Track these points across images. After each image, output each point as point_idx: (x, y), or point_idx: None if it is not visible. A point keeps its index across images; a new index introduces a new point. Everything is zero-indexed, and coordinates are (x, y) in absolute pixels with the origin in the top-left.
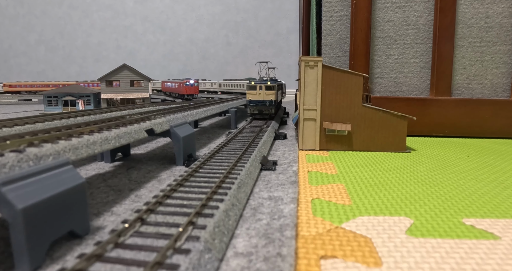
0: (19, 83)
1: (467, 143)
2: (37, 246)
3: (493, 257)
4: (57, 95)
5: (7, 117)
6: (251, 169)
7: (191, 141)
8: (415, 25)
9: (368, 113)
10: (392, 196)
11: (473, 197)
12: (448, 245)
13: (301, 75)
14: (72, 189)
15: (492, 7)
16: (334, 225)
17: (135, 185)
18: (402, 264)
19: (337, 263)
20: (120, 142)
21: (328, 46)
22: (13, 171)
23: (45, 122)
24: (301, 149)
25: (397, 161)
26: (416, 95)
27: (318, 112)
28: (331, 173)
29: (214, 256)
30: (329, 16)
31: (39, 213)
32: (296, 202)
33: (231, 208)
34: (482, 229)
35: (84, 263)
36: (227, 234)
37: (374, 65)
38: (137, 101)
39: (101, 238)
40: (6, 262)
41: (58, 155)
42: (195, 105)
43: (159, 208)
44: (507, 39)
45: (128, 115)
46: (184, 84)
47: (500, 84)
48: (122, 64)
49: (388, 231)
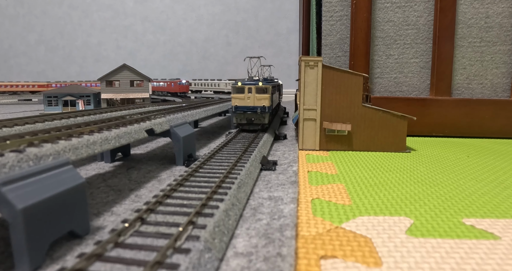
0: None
1: (467, 143)
2: (37, 246)
3: (493, 257)
4: (57, 95)
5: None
6: (251, 169)
7: (191, 141)
8: (415, 25)
9: (368, 113)
10: (392, 196)
11: (473, 197)
12: (448, 245)
13: (301, 75)
14: (72, 189)
15: (492, 7)
16: (334, 225)
17: (135, 185)
18: (402, 264)
19: (337, 263)
20: (120, 142)
21: (328, 46)
22: (13, 171)
23: (45, 122)
24: (301, 149)
25: (397, 161)
26: (416, 95)
27: (318, 112)
28: (331, 173)
29: (214, 256)
30: (329, 16)
31: (39, 213)
32: (296, 202)
33: (231, 208)
34: (482, 229)
35: (84, 263)
36: (227, 233)
37: (374, 65)
38: (137, 101)
39: (101, 238)
40: (6, 262)
41: (58, 155)
42: (195, 105)
43: (159, 208)
44: (507, 39)
45: (128, 115)
46: (177, 83)
47: (500, 84)
48: (122, 64)
49: (388, 231)
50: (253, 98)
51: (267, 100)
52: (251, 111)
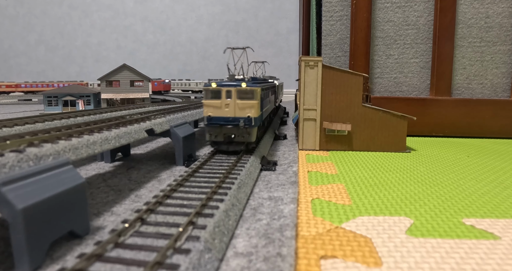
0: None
1: (467, 143)
2: (37, 246)
3: (493, 257)
4: (57, 95)
5: (7, 117)
6: (251, 169)
7: (191, 141)
8: (415, 25)
9: (368, 113)
10: (392, 196)
11: (473, 197)
12: (448, 245)
13: (301, 75)
14: (72, 189)
15: (492, 7)
16: (334, 225)
17: (135, 185)
18: (402, 264)
19: (337, 263)
20: (120, 142)
21: (328, 46)
22: (13, 171)
23: (45, 122)
24: (301, 149)
25: (397, 161)
26: (416, 95)
27: (318, 112)
28: (331, 173)
29: (214, 256)
30: (329, 16)
31: (39, 213)
32: (296, 202)
33: (231, 208)
34: (482, 229)
35: (84, 263)
36: (227, 234)
37: (374, 65)
38: (137, 101)
39: (101, 238)
40: (6, 262)
41: (58, 155)
42: (195, 105)
43: (159, 208)
44: (507, 39)
45: (128, 115)
46: (161, 82)
47: (500, 84)
48: (122, 64)
49: (388, 231)
50: (234, 105)
51: (255, 108)
52: (230, 124)
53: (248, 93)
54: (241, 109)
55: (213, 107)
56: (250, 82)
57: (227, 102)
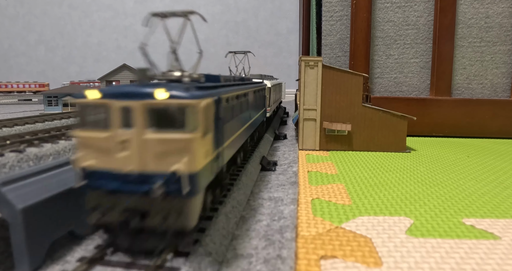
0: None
1: (467, 143)
2: (37, 246)
3: (493, 257)
4: (57, 95)
5: (7, 117)
6: (250, 169)
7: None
8: (415, 25)
9: (368, 113)
10: (392, 196)
11: (473, 197)
12: (448, 245)
13: (301, 75)
14: (72, 189)
15: (492, 7)
16: (334, 225)
17: None
18: (402, 264)
19: (337, 263)
20: None
21: (328, 46)
22: (13, 171)
23: (45, 122)
24: (301, 149)
25: (397, 161)
26: (416, 95)
27: (318, 112)
28: (331, 173)
29: (214, 259)
30: (329, 16)
31: (39, 213)
32: (296, 202)
33: (230, 210)
34: (482, 229)
35: (85, 266)
36: (227, 236)
37: (374, 65)
38: None
39: (101, 238)
40: (6, 262)
41: (58, 155)
42: None
43: None
44: (507, 39)
45: None
46: None
47: (500, 84)
48: (122, 64)
49: (388, 231)
50: (140, 144)
51: (192, 151)
52: (133, 190)
53: (175, 115)
54: (158, 154)
55: (95, 149)
56: (184, 86)
57: (124, 137)
